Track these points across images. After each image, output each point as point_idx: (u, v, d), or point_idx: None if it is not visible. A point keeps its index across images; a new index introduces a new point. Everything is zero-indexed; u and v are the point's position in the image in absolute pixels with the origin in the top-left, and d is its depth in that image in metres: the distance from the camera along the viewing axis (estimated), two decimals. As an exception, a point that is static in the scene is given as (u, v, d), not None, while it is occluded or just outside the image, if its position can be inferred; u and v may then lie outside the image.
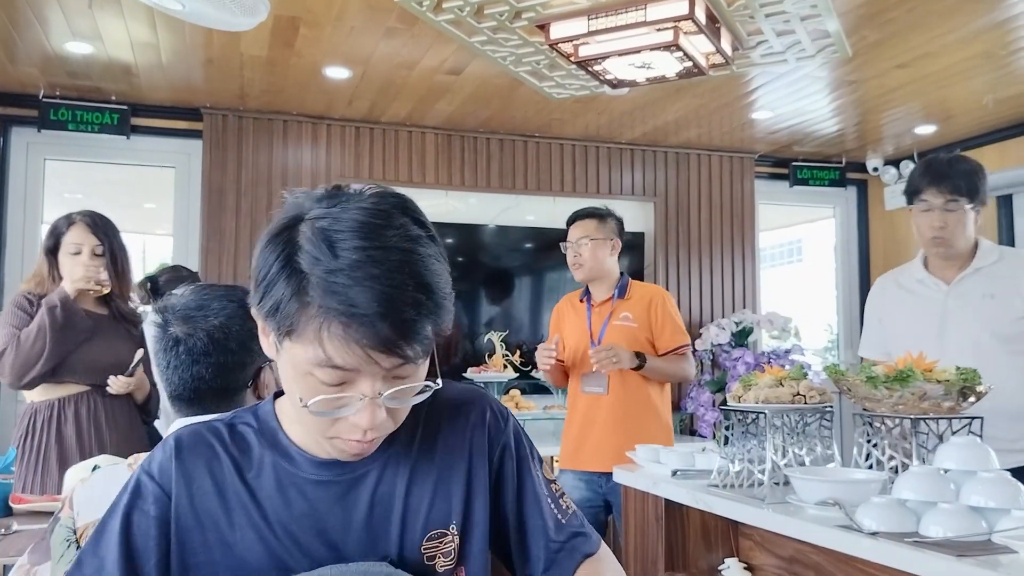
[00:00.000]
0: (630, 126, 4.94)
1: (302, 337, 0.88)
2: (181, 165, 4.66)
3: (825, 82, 4.12)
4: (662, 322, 3.24)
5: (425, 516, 1.01)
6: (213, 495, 0.97)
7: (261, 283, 0.90)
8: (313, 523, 0.98)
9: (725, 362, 4.97)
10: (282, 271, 0.88)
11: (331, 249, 0.87)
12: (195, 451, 0.99)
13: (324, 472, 0.99)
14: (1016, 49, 3.62)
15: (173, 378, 1.48)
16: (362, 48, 3.65)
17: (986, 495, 1.60)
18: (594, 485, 3.18)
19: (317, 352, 0.87)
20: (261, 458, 1.00)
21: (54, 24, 3.42)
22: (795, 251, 7.97)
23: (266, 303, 0.90)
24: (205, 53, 3.75)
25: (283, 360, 0.93)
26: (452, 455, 1.05)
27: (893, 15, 3.25)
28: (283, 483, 0.99)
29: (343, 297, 0.85)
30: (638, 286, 3.33)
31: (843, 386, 2.08)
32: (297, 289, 0.87)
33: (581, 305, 3.33)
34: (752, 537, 2.25)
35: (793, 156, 5.62)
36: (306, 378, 0.90)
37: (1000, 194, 4.94)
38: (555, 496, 1.13)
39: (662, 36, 2.78)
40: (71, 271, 2.83)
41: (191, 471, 0.98)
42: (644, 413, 3.20)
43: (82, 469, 1.93)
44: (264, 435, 1.02)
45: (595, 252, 3.23)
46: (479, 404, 1.10)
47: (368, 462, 1.01)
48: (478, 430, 1.08)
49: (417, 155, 4.91)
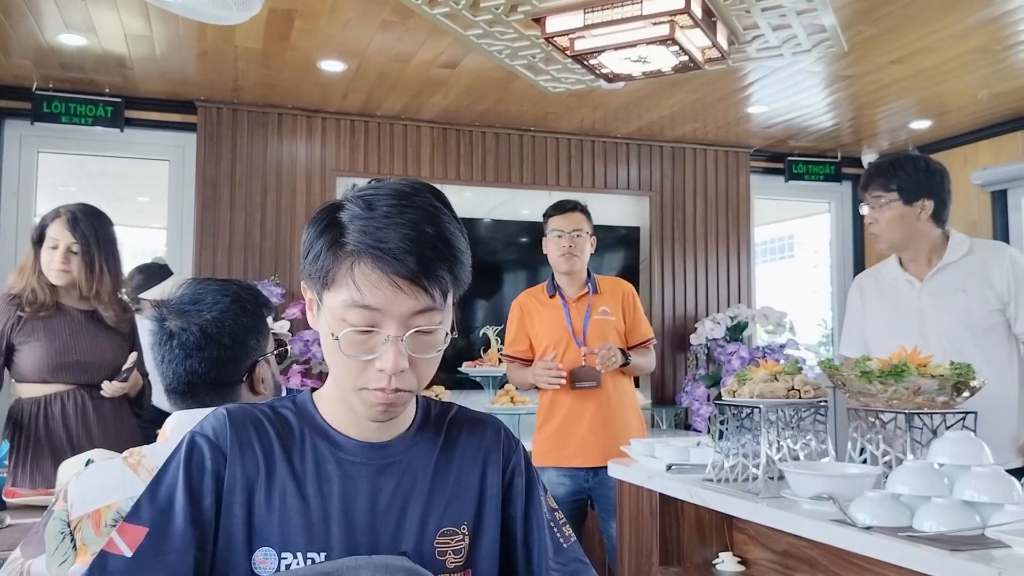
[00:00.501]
0: (626, 120, 4.94)
1: (336, 283, 0.99)
2: (175, 158, 4.65)
3: (821, 77, 4.12)
4: (635, 316, 3.33)
5: (441, 512, 1.08)
6: (260, 463, 1.04)
7: (307, 251, 1.03)
8: (342, 501, 1.04)
9: (720, 357, 4.97)
10: (325, 230, 1.01)
11: (368, 206, 1.00)
12: (245, 422, 1.06)
13: (359, 454, 1.07)
14: (1012, 44, 3.63)
15: (167, 372, 1.49)
16: (357, 41, 3.64)
17: (980, 490, 1.61)
18: (579, 480, 3.18)
19: (351, 291, 0.98)
20: (302, 436, 1.07)
21: (47, 16, 3.40)
22: (786, 247, 7.97)
23: (309, 262, 1.02)
24: (199, 46, 3.73)
25: (323, 320, 1.03)
26: (469, 463, 1.14)
27: (889, 10, 3.25)
28: (320, 460, 1.06)
29: (374, 236, 0.97)
30: (604, 280, 3.39)
31: (837, 381, 2.08)
32: (335, 238, 0.99)
33: (552, 301, 3.29)
34: (746, 531, 2.26)
35: (789, 151, 5.62)
36: (340, 325, 0.99)
37: (994, 189, 4.95)
38: (558, 523, 1.20)
39: (658, 30, 2.77)
40: (45, 264, 2.81)
41: (243, 437, 1.05)
42: (626, 407, 3.26)
43: (76, 463, 1.92)
44: (303, 417, 1.09)
45: (584, 246, 3.25)
46: (495, 424, 1.20)
47: (398, 451, 1.09)
48: (494, 446, 1.17)
49: (412, 149, 4.90)
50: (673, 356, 5.31)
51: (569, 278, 3.28)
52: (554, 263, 3.29)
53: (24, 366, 2.80)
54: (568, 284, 3.29)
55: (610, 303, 3.28)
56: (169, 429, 1.46)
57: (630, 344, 3.30)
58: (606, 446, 3.09)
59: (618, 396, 3.22)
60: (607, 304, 3.27)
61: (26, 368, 2.80)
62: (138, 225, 5.28)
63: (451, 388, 4.69)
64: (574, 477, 3.17)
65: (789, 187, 5.71)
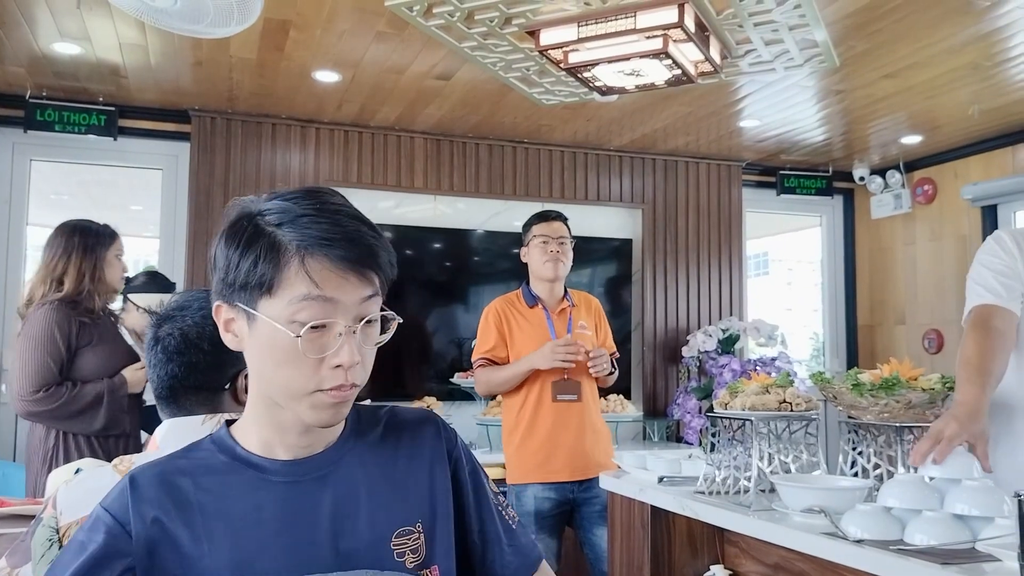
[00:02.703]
0: (619, 133, 4.96)
1: (282, 284, 0.98)
2: (169, 167, 4.64)
3: (813, 91, 4.14)
4: (605, 329, 3.35)
5: (392, 514, 1.08)
6: (175, 517, 1.01)
7: (231, 265, 1.00)
8: (283, 524, 1.02)
9: (712, 369, 4.98)
10: (252, 239, 0.99)
11: (295, 204, 1.01)
12: (151, 484, 1.02)
13: (288, 473, 1.05)
14: (1002, 61, 3.66)
15: (153, 377, 1.50)
16: (352, 52, 3.65)
17: (970, 503, 1.61)
18: (565, 492, 3.12)
19: (304, 286, 0.97)
20: (224, 470, 1.05)
21: (42, 24, 3.40)
22: (761, 264, 7.93)
23: (235, 277, 1.00)
24: (194, 55, 3.74)
25: (257, 332, 1.00)
26: (413, 460, 1.14)
27: (881, 26, 3.27)
28: (249, 488, 1.03)
29: (315, 230, 0.98)
30: (575, 294, 3.36)
31: (829, 393, 2.09)
32: (270, 244, 0.98)
33: (534, 312, 3.22)
34: (738, 544, 2.26)
35: (780, 164, 5.65)
36: (294, 327, 0.97)
37: (985, 204, 4.98)
38: (504, 506, 1.23)
39: (651, 44, 2.78)
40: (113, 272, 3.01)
41: (146, 500, 1.01)
42: (598, 416, 3.26)
43: (65, 471, 1.91)
44: (225, 452, 1.07)
45: (569, 254, 3.25)
46: (434, 420, 1.20)
47: (331, 460, 1.07)
48: (436, 441, 1.17)
49: (406, 160, 4.90)
50: (665, 368, 5.31)
51: (551, 287, 3.24)
52: (538, 270, 3.22)
53: (86, 369, 2.88)
54: (548, 295, 3.24)
55: (586, 317, 3.27)
56: (159, 437, 1.45)
57: None
58: (591, 457, 3.10)
59: (595, 406, 3.22)
60: (583, 318, 3.26)
61: (88, 371, 2.89)
62: (131, 234, 5.25)
63: (443, 399, 4.69)
64: (560, 490, 3.11)
65: (781, 200, 5.74)
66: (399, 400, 4.57)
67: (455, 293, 4.98)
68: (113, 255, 3.01)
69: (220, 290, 1.03)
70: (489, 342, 3.21)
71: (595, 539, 3.09)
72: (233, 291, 1.01)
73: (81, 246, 2.94)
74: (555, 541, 3.15)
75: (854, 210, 5.94)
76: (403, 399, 4.59)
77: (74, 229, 2.97)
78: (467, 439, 4.64)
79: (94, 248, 2.95)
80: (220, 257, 1.02)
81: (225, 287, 1.02)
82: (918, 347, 5.40)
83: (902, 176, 5.47)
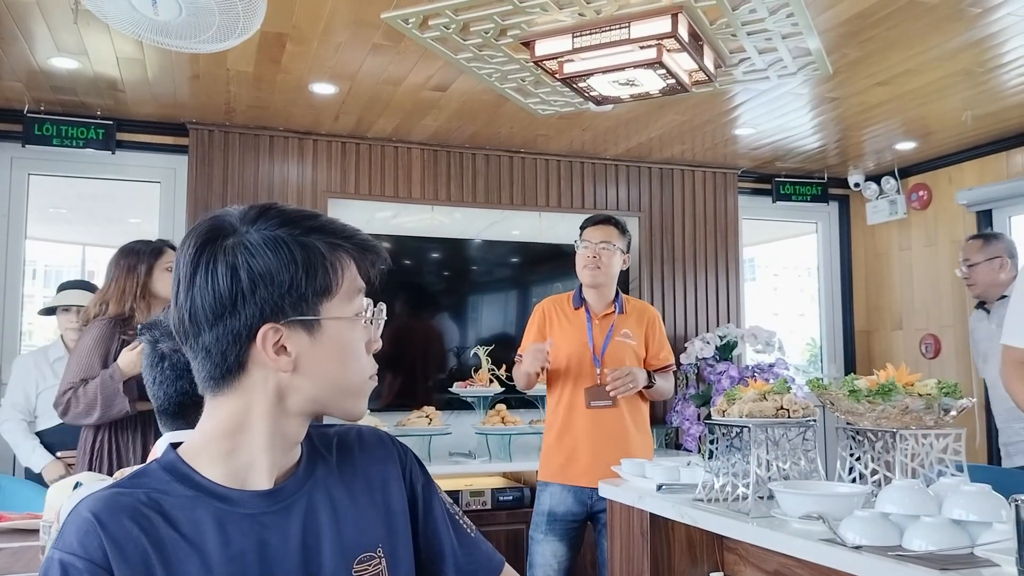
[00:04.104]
0: (614, 142, 4.98)
1: (341, 282, 1.03)
2: (167, 180, 4.65)
3: (807, 99, 4.17)
4: (659, 341, 3.31)
5: (354, 540, 1.05)
6: (151, 554, 0.93)
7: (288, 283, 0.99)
8: (255, 556, 0.98)
9: (710, 376, 4.99)
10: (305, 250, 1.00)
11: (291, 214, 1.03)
12: (118, 518, 0.94)
13: (258, 504, 1.01)
14: (994, 67, 3.68)
15: (159, 393, 1.50)
16: (348, 64, 3.67)
17: (968, 508, 1.62)
18: (583, 498, 3.15)
19: (354, 278, 1.04)
20: (190, 504, 0.98)
21: (39, 39, 3.42)
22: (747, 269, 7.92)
23: (302, 290, 0.99)
24: (191, 69, 3.75)
25: (325, 337, 1.02)
26: (370, 481, 1.12)
27: (873, 33, 3.30)
28: (218, 523, 0.97)
29: (342, 230, 1.04)
30: (631, 302, 3.36)
31: (826, 400, 2.09)
32: (325, 251, 1.02)
33: (577, 314, 3.26)
34: (737, 551, 2.26)
35: (776, 172, 5.67)
36: (359, 320, 1.05)
37: (979, 209, 5.00)
38: (458, 516, 1.21)
39: (646, 54, 2.80)
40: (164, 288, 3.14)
41: (121, 537, 0.92)
42: (640, 430, 3.23)
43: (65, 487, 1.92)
44: (182, 481, 0.99)
45: (612, 260, 3.22)
46: (385, 439, 1.19)
47: (295, 489, 1.04)
48: (389, 458, 1.16)
49: (403, 171, 4.92)
50: (663, 376, 5.31)
51: (596, 292, 3.24)
52: (579, 275, 3.25)
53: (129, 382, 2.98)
54: (595, 299, 3.26)
55: (633, 326, 3.24)
56: (160, 451, 1.46)
57: (651, 368, 3.28)
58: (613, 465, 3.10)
59: (633, 419, 3.19)
60: (630, 327, 3.24)
61: (130, 384, 2.97)
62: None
63: (441, 408, 4.69)
64: (578, 495, 3.14)
65: (777, 208, 5.76)
66: (399, 410, 4.58)
67: (453, 303, 4.99)
68: (162, 268, 3.14)
69: (270, 311, 0.97)
70: (528, 339, 3.31)
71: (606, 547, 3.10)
72: (294, 306, 0.99)
73: (124, 267, 3.12)
74: (564, 547, 3.14)
75: (850, 216, 5.96)
76: (402, 409, 4.59)
77: (120, 252, 3.17)
78: (467, 448, 4.65)
79: (135, 267, 3.11)
80: (273, 276, 0.97)
81: (284, 305, 0.98)
82: (915, 352, 5.41)
83: (897, 182, 5.49)
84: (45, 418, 3.69)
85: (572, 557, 3.18)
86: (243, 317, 0.97)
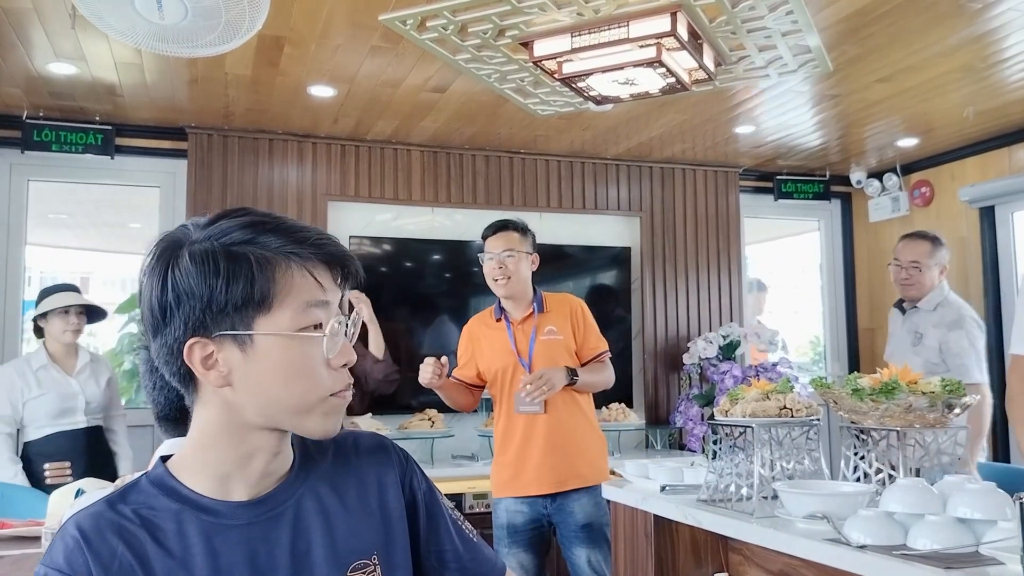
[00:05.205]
0: (615, 142, 4.97)
1: (286, 295, 0.96)
2: (166, 185, 4.65)
3: (807, 96, 4.15)
4: (585, 331, 3.19)
5: (348, 547, 1.04)
6: (136, 568, 0.93)
7: (207, 297, 0.94)
8: (244, 569, 0.97)
9: (713, 376, 4.97)
10: (233, 261, 0.95)
11: (248, 218, 0.98)
12: (103, 533, 0.94)
13: (244, 514, 1.00)
14: (995, 62, 3.67)
15: (160, 399, 1.48)
16: (347, 66, 3.66)
17: (973, 506, 1.61)
18: (538, 507, 3.08)
19: (309, 289, 0.97)
20: (176, 517, 0.97)
21: (37, 45, 3.41)
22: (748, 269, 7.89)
23: (224, 303, 0.94)
24: (189, 73, 3.75)
25: (259, 353, 0.96)
26: (365, 487, 1.09)
27: (873, 30, 3.28)
28: (204, 536, 0.97)
29: (300, 237, 0.98)
30: (552, 297, 3.24)
31: (829, 399, 2.08)
32: (259, 259, 0.96)
33: (499, 325, 3.19)
34: (741, 552, 2.25)
35: (777, 170, 5.66)
36: (305, 335, 0.97)
37: (982, 205, 4.99)
38: (461, 522, 1.19)
39: (645, 53, 2.79)
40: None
41: (104, 554, 0.93)
42: (579, 427, 3.11)
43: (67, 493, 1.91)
44: (169, 494, 0.99)
45: (519, 266, 3.12)
46: (385, 444, 1.16)
47: (283, 498, 1.03)
48: (387, 466, 1.13)
49: (403, 172, 4.91)
50: (666, 376, 5.30)
51: (511, 301, 3.17)
52: (491, 288, 3.18)
53: None
54: (512, 307, 3.18)
55: (557, 322, 3.14)
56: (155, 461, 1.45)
57: (583, 360, 3.16)
58: (561, 471, 3.01)
59: (571, 417, 3.09)
60: (554, 323, 3.14)
61: None
62: (129, 252, 5.27)
63: (444, 412, 4.66)
64: (532, 505, 3.07)
65: (778, 206, 5.74)
66: (401, 413, 4.57)
67: (454, 305, 4.98)
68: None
69: (193, 325, 0.95)
70: (460, 362, 3.28)
71: (575, 559, 3.03)
72: (219, 320, 0.95)
73: None
74: (531, 556, 3.10)
75: (852, 214, 5.95)
76: (403, 412, 4.59)
77: None
78: (470, 451, 4.64)
79: None
80: (193, 289, 0.95)
81: (206, 319, 0.95)
82: (919, 349, 5.39)
83: (899, 179, 5.48)
84: (33, 428, 3.60)
85: (540, 564, 3.14)
86: (172, 330, 0.96)
